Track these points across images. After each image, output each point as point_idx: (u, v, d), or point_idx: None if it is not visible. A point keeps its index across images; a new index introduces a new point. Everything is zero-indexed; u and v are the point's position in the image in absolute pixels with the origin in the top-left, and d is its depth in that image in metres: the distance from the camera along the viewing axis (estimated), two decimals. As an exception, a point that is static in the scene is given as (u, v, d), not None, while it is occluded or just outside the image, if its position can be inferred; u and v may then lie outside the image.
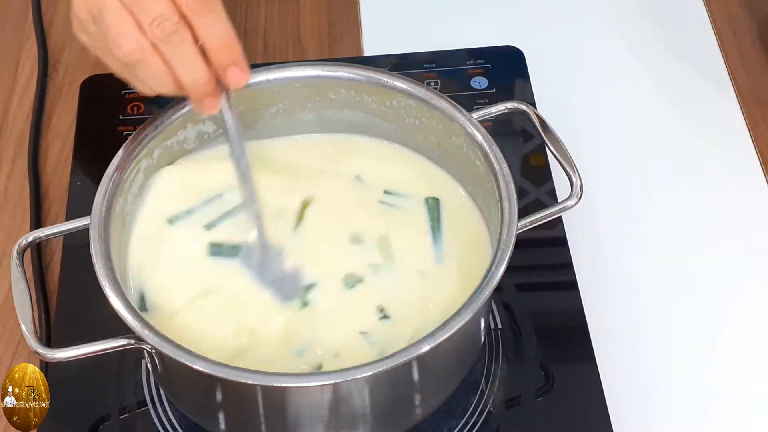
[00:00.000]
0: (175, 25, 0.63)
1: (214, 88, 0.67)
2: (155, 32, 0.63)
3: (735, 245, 0.89)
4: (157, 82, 0.66)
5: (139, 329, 0.65)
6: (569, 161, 0.75)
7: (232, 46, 0.66)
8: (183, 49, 0.64)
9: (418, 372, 0.68)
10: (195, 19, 0.64)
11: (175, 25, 0.63)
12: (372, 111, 0.79)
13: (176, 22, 0.63)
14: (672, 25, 1.06)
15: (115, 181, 0.72)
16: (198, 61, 0.65)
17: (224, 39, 0.65)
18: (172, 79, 0.65)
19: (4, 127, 0.98)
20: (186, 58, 0.65)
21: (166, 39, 0.64)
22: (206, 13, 0.64)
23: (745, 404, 0.81)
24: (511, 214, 0.70)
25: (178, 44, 0.64)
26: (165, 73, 0.65)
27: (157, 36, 0.63)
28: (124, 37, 0.64)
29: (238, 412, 0.71)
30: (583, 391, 0.79)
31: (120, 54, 0.64)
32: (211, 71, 0.66)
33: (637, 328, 0.84)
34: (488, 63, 0.99)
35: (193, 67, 0.65)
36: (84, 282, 0.70)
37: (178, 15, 0.63)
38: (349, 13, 1.07)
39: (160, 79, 0.65)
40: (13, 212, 0.91)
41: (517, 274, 0.79)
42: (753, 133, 0.97)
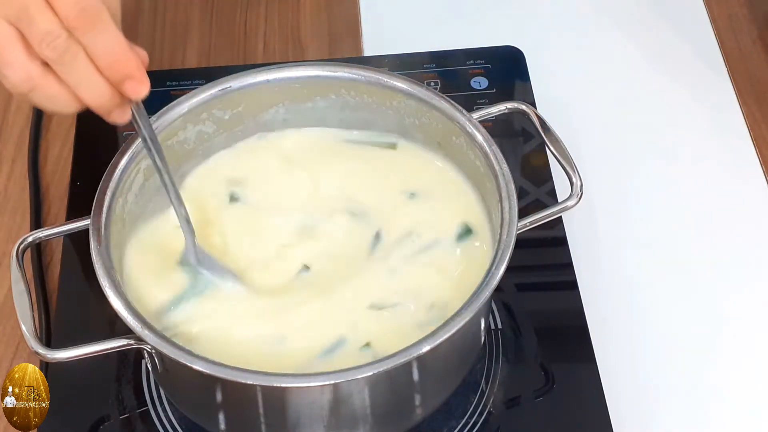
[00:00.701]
0: (65, 41, 0.59)
1: (120, 99, 0.63)
2: (45, 53, 0.59)
3: (735, 245, 0.89)
4: (57, 104, 0.62)
5: (139, 329, 0.65)
6: (569, 161, 0.75)
7: (123, 59, 0.61)
8: (77, 67, 0.60)
9: (418, 372, 0.68)
10: (80, 36, 0.60)
11: (65, 42, 0.59)
12: (372, 111, 0.79)
13: (66, 38, 0.59)
14: (672, 26, 1.06)
15: (115, 181, 0.72)
16: (95, 77, 0.61)
17: (114, 52, 0.61)
18: (72, 98, 0.62)
19: (4, 127, 0.98)
20: (82, 76, 0.61)
21: (58, 59, 0.60)
22: (90, 26, 0.60)
23: (744, 404, 0.81)
24: (511, 214, 0.70)
25: (71, 63, 0.60)
26: (64, 95, 0.61)
27: (48, 57, 0.59)
28: (11, 66, 0.60)
29: (238, 412, 0.71)
30: (583, 391, 0.79)
31: (9, 85, 0.61)
32: (111, 84, 0.62)
33: (637, 328, 0.84)
34: (488, 63, 0.99)
35: (91, 84, 0.61)
36: (84, 282, 0.70)
37: (67, 32, 0.59)
38: (349, 13, 1.07)
39: (60, 101, 0.62)
40: (13, 212, 0.91)
41: (517, 274, 0.79)
42: (753, 133, 0.97)
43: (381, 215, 0.77)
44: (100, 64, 0.61)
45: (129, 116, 0.65)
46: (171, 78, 0.96)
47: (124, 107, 0.64)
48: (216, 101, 0.77)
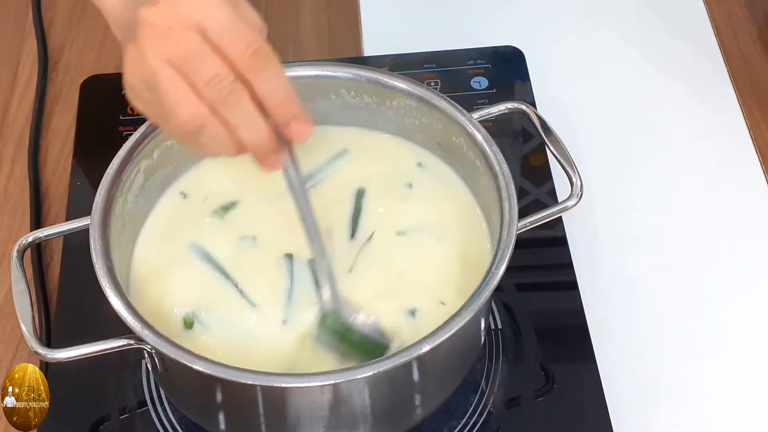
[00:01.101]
0: (231, 84, 0.60)
1: (276, 144, 0.64)
2: (212, 94, 0.60)
3: (735, 245, 0.89)
4: (219, 145, 0.63)
5: (139, 329, 0.65)
6: (569, 161, 0.75)
7: (291, 100, 0.63)
8: (241, 108, 0.61)
9: (418, 372, 0.68)
10: (251, 75, 0.61)
11: (231, 84, 0.60)
12: (372, 111, 0.79)
13: (232, 80, 0.60)
14: (672, 26, 1.06)
15: (115, 181, 0.72)
16: (258, 119, 0.62)
17: (283, 94, 0.62)
18: (233, 140, 0.62)
19: (4, 127, 0.98)
20: (245, 117, 0.62)
21: (223, 99, 0.60)
22: (262, 68, 0.61)
23: (745, 404, 0.81)
24: (511, 214, 0.70)
25: (236, 103, 0.61)
26: (225, 136, 0.62)
27: (214, 97, 0.60)
28: (181, 105, 0.61)
29: (238, 412, 0.71)
30: (583, 391, 0.79)
31: (178, 123, 0.61)
32: (271, 127, 0.63)
33: (637, 328, 0.84)
34: (488, 63, 0.99)
35: (253, 125, 0.62)
36: (84, 282, 0.70)
37: (234, 73, 0.60)
38: (349, 13, 1.07)
39: (222, 142, 0.62)
40: (13, 212, 0.91)
41: (517, 274, 0.79)
42: (753, 133, 0.97)
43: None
44: (269, 104, 0.62)
45: (282, 162, 0.66)
46: (171, 78, 0.96)
47: (279, 153, 0.65)
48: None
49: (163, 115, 0.62)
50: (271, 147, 0.64)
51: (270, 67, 0.62)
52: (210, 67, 0.60)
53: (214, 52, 0.60)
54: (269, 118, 0.63)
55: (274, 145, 0.64)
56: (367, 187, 0.78)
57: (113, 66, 1.02)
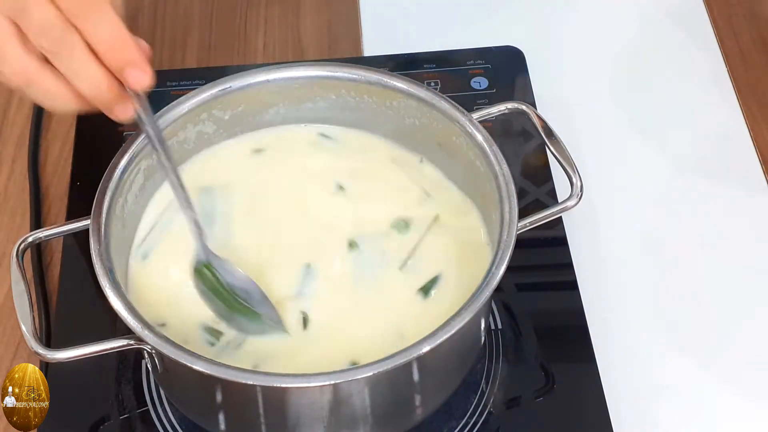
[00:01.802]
0: (61, 31, 0.57)
1: (121, 93, 0.61)
2: (41, 42, 0.57)
3: (735, 245, 0.89)
4: (55, 100, 0.60)
5: (139, 329, 0.65)
6: (569, 161, 0.75)
7: (124, 45, 0.59)
8: (74, 57, 0.58)
9: (418, 372, 0.68)
10: (79, 22, 0.57)
11: (61, 32, 0.57)
12: (372, 111, 0.79)
13: (62, 28, 0.57)
14: (672, 26, 1.06)
15: (115, 181, 0.72)
16: (93, 67, 0.59)
17: (114, 39, 0.59)
18: (71, 93, 0.60)
19: (4, 127, 0.98)
20: (80, 67, 0.58)
21: (54, 48, 0.57)
22: (89, 12, 0.58)
23: (745, 404, 0.81)
24: (511, 215, 0.70)
25: (69, 53, 0.58)
26: (60, 89, 0.59)
27: (44, 47, 0.57)
28: (7, 61, 0.58)
29: (238, 413, 0.71)
30: (583, 391, 0.79)
31: (6, 80, 0.59)
32: (111, 75, 0.60)
33: (637, 328, 0.84)
34: (488, 63, 0.99)
35: (89, 75, 0.59)
36: (84, 282, 0.70)
37: (63, 21, 0.57)
38: (349, 13, 1.07)
39: (56, 97, 0.60)
40: (13, 212, 0.91)
41: (517, 274, 0.79)
42: (753, 133, 0.97)
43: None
44: (99, 49, 0.59)
45: (132, 112, 0.63)
46: (171, 78, 0.96)
47: (126, 102, 0.62)
48: (216, 101, 0.77)
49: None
50: (113, 95, 0.61)
51: (99, 11, 0.59)
52: (39, 14, 0.57)
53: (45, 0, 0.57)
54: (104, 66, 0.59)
55: (116, 93, 0.61)
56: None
57: (113, 66, 1.02)
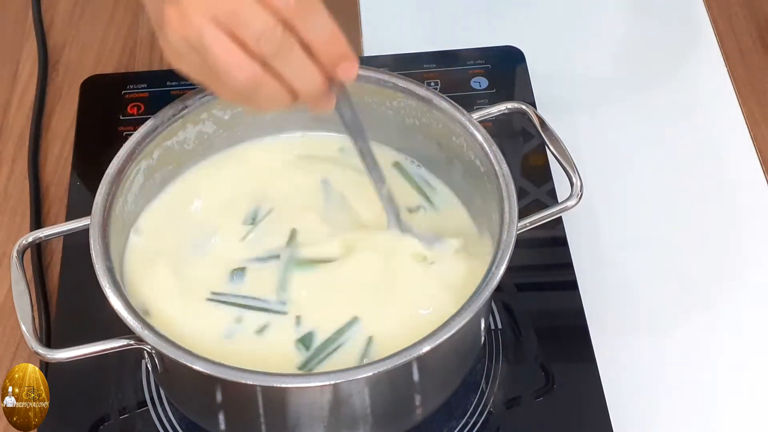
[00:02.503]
0: (281, 35, 0.60)
1: (326, 87, 0.64)
2: (264, 48, 0.60)
3: (735, 245, 0.89)
4: (274, 101, 0.63)
5: (139, 329, 0.65)
6: (569, 161, 0.75)
7: (338, 41, 0.63)
8: (294, 58, 0.61)
9: (418, 372, 0.68)
10: (298, 22, 0.60)
11: (282, 36, 0.60)
12: (372, 111, 0.79)
13: (282, 31, 0.60)
14: (672, 26, 1.06)
15: (115, 181, 0.72)
16: (310, 66, 0.62)
17: (330, 35, 0.62)
18: (288, 92, 0.62)
19: (4, 127, 0.98)
20: (299, 67, 0.61)
21: (276, 53, 0.60)
22: (308, 13, 0.61)
23: (745, 404, 0.81)
24: (511, 214, 0.70)
25: (288, 55, 0.61)
26: (281, 90, 0.62)
27: (265, 51, 0.60)
28: (235, 67, 0.60)
29: (238, 413, 0.71)
30: (583, 391, 0.79)
31: (236, 85, 0.61)
32: (322, 71, 0.63)
33: (637, 328, 0.84)
34: (488, 63, 0.99)
35: (307, 73, 0.62)
36: (84, 282, 0.70)
37: (281, 25, 0.60)
38: (349, 13, 1.07)
39: (278, 97, 0.62)
40: (13, 212, 0.91)
41: (517, 274, 0.79)
42: (753, 133, 0.97)
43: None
44: (317, 48, 0.62)
45: (335, 101, 0.67)
46: (171, 78, 0.96)
47: (330, 94, 0.65)
48: (216, 101, 0.77)
49: (215, 78, 0.62)
50: (323, 90, 0.64)
51: (316, 12, 0.61)
52: (258, 22, 0.59)
53: (260, 5, 0.59)
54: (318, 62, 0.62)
55: (326, 89, 0.64)
56: None
57: (113, 66, 1.02)
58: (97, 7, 1.07)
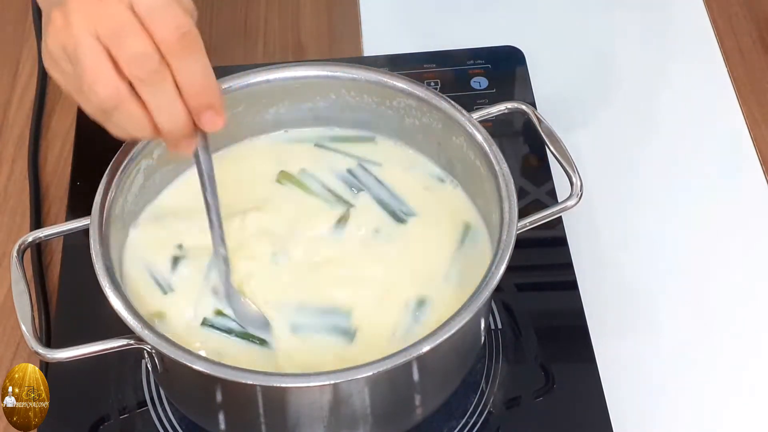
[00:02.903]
0: (156, 64, 0.59)
1: (190, 130, 0.63)
2: (134, 72, 0.59)
3: (735, 245, 0.89)
4: (133, 126, 0.62)
5: (139, 329, 0.65)
6: (569, 161, 0.75)
7: (210, 89, 0.61)
8: (163, 90, 0.60)
9: (418, 372, 0.68)
10: (175, 60, 0.60)
11: (157, 65, 0.59)
12: (372, 111, 0.79)
13: (158, 61, 0.59)
14: (672, 26, 1.06)
15: (115, 181, 0.72)
16: (178, 104, 0.61)
17: (203, 81, 0.61)
18: (149, 122, 0.61)
19: (4, 127, 0.98)
20: (166, 101, 0.60)
21: (147, 79, 0.59)
22: (188, 54, 0.60)
23: (745, 404, 0.81)
24: (511, 214, 0.70)
25: (159, 85, 0.60)
26: (142, 117, 0.61)
27: (136, 76, 0.59)
28: (100, 82, 0.60)
29: (238, 413, 0.71)
30: (583, 391, 0.79)
31: (96, 100, 0.60)
32: (188, 114, 0.62)
33: (637, 328, 0.84)
34: (488, 63, 0.99)
35: (172, 110, 0.61)
36: (84, 282, 0.70)
37: (159, 54, 0.59)
38: (349, 13, 1.07)
39: (137, 124, 0.61)
40: (13, 212, 0.91)
41: (517, 274, 0.79)
42: (753, 133, 0.97)
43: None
44: (186, 90, 0.61)
45: (194, 147, 0.65)
46: (171, 78, 0.96)
47: (191, 139, 0.64)
48: (216, 101, 0.77)
49: (80, 90, 0.61)
50: (185, 134, 0.63)
51: (195, 53, 0.60)
52: (136, 45, 0.59)
53: (142, 30, 0.59)
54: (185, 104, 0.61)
55: (188, 132, 0.63)
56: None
57: (113, 66, 1.02)
58: (97, 7, 1.07)
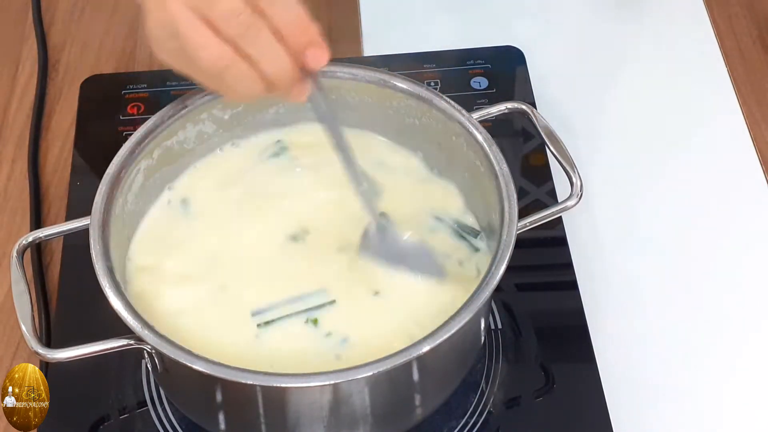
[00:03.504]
0: (249, 17, 0.61)
1: (299, 75, 0.65)
2: (231, 28, 0.61)
3: (735, 245, 0.89)
4: (245, 83, 0.64)
5: (139, 329, 0.65)
6: (569, 161, 0.75)
7: (307, 26, 0.64)
8: (262, 39, 0.62)
9: (418, 372, 0.68)
10: (266, 6, 0.62)
11: (249, 17, 0.61)
12: (372, 111, 0.79)
13: (250, 13, 0.61)
14: (672, 26, 1.06)
15: (115, 181, 0.72)
16: (278, 49, 0.63)
17: (298, 20, 0.63)
18: (258, 75, 0.63)
19: (4, 127, 0.98)
20: (267, 48, 0.63)
21: (243, 34, 0.62)
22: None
23: (744, 404, 0.81)
24: (511, 214, 0.70)
25: (257, 35, 0.62)
26: (251, 73, 0.63)
27: (234, 32, 0.62)
28: (203, 47, 0.62)
29: (238, 413, 0.71)
30: (583, 391, 0.79)
31: (205, 65, 0.62)
32: (292, 56, 0.64)
33: (637, 328, 0.84)
34: (488, 63, 0.99)
35: (275, 56, 0.63)
36: (84, 282, 0.70)
37: (250, 6, 0.62)
38: (349, 13, 1.07)
39: (248, 80, 0.63)
40: (13, 212, 0.91)
41: (517, 274, 0.79)
42: (753, 133, 0.97)
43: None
44: (285, 32, 0.63)
45: (308, 93, 0.67)
46: (171, 78, 0.96)
47: (303, 83, 0.66)
48: (216, 101, 0.77)
49: (189, 61, 0.63)
50: (294, 76, 0.65)
51: None
52: (225, 3, 0.61)
53: None
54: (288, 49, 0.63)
55: (297, 75, 0.65)
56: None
57: (113, 66, 1.02)
58: (97, 7, 1.07)
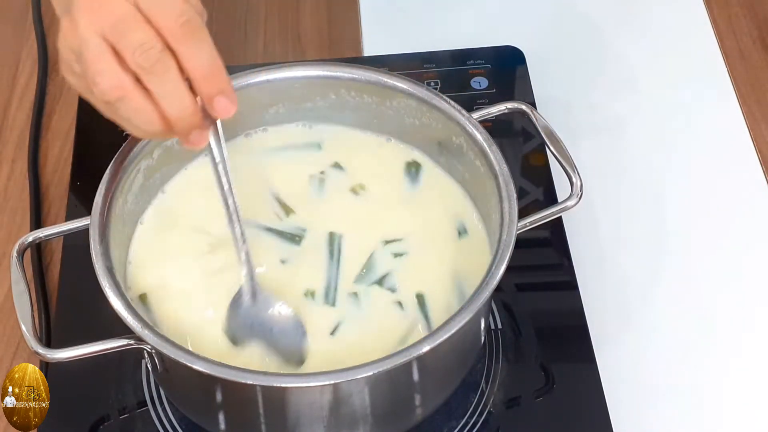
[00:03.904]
0: (159, 53, 0.59)
1: (201, 120, 0.62)
2: (138, 61, 0.59)
3: (735, 245, 0.89)
4: (140, 118, 0.61)
5: (139, 329, 0.65)
6: (569, 161, 0.75)
7: (219, 74, 0.61)
8: (168, 78, 0.60)
9: (418, 372, 0.68)
10: (180, 46, 0.60)
11: (159, 53, 0.59)
12: (372, 111, 0.79)
13: (160, 50, 0.59)
14: (672, 26, 1.06)
15: (115, 181, 0.72)
16: (184, 91, 0.60)
17: (211, 67, 0.61)
18: (157, 114, 0.61)
19: (4, 127, 0.98)
20: (171, 89, 0.60)
21: (149, 68, 0.59)
22: (192, 40, 0.60)
23: (744, 404, 0.81)
24: (511, 214, 0.70)
25: (163, 74, 0.59)
26: (149, 109, 0.60)
27: (139, 65, 0.59)
28: (102, 74, 0.60)
29: (238, 412, 0.71)
30: (583, 391, 0.79)
31: (99, 92, 0.60)
32: (196, 102, 0.61)
33: (637, 328, 0.84)
34: (488, 63, 0.99)
35: (178, 97, 0.60)
36: (84, 282, 0.70)
37: (162, 43, 0.59)
38: (349, 13, 1.07)
39: (144, 116, 0.61)
40: (13, 212, 0.91)
41: (517, 274, 0.79)
42: (753, 133, 0.97)
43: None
44: (194, 76, 0.60)
45: (207, 140, 0.64)
46: (171, 78, 0.96)
47: (203, 130, 0.63)
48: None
49: (88, 87, 0.61)
50: (195, 122, 0.62)
51: (199, 40, 0.60)
52: (137, 34, 0.59)
53: (144, 21, 0.59)
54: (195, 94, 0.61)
55: (198, 120, 0.62)
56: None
57: (113, 66, 1.02)
58: (97, 7, 1.07)
